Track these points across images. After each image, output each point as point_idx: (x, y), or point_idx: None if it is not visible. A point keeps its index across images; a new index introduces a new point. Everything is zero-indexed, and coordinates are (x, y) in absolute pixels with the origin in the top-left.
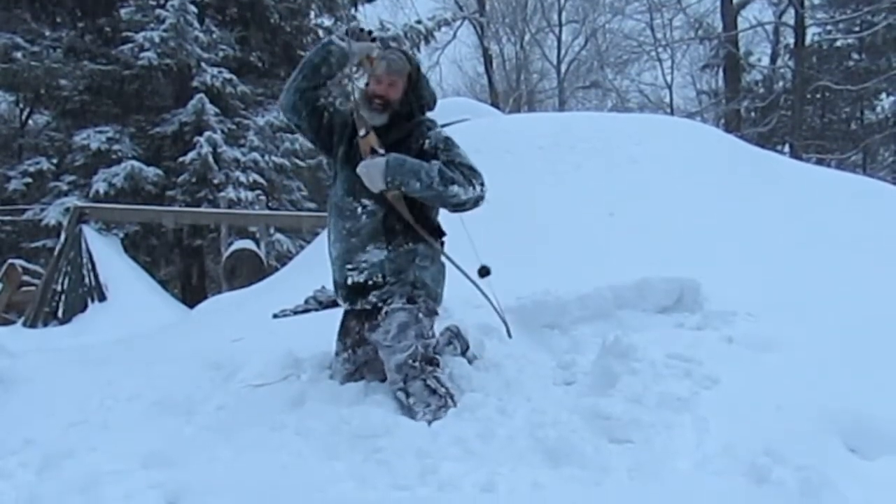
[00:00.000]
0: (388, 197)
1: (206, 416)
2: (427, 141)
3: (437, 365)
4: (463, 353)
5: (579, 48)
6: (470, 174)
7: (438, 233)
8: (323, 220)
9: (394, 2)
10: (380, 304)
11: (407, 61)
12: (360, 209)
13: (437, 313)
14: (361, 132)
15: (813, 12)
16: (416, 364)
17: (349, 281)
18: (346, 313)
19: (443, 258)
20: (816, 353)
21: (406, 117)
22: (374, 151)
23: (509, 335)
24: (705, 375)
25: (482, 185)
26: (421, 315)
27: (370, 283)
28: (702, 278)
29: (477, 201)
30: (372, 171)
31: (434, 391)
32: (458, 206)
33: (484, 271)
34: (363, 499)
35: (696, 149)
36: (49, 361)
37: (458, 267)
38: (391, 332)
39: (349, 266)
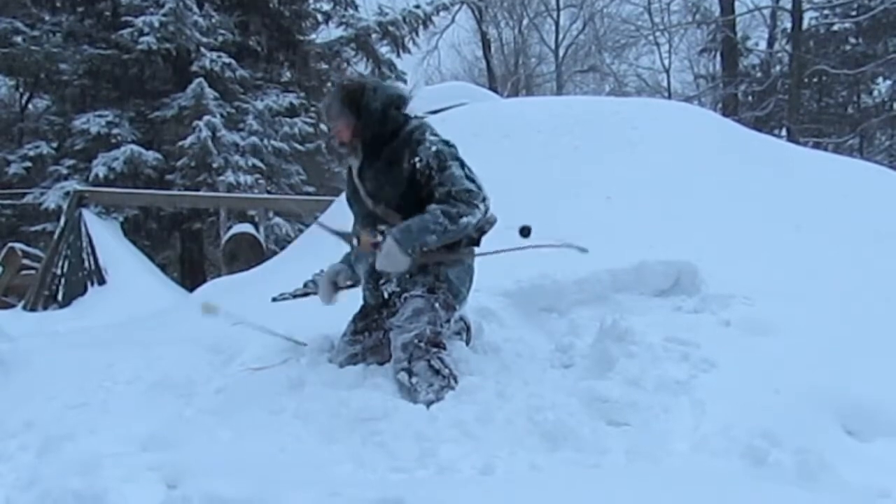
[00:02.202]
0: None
1: (206, 399)
2: (418, 160)
3: (443, 348)
4: (466, 343)
5: (577, 32)
6: (469, 197)
7: (465, 242)
8: (322, 204)
9: None
10: (401, 292)
11: (335, 95)
12: (381, 237)
13: (455, 309)
14: (355, 243)
15: None
16: (422, 344)
17: (385, 294)
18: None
19: (473, 260)
20: (813, 337)
21: (380, 138)
22: (375, 245)
23: (585, 250)
24: (703, 358)
25: (484, 200)
26: (437, 305)
27: (400, 285)
28: (699, 262)
29: (486, 217)
30: (389, 259)
31: (437, 371)
32: (476, 230)
33: (525, 231)
34: (362, 481)
35: (694, 133)
36: (49, 344)
37: (494, 252)
38: (405, 315)
39: (382, 281)
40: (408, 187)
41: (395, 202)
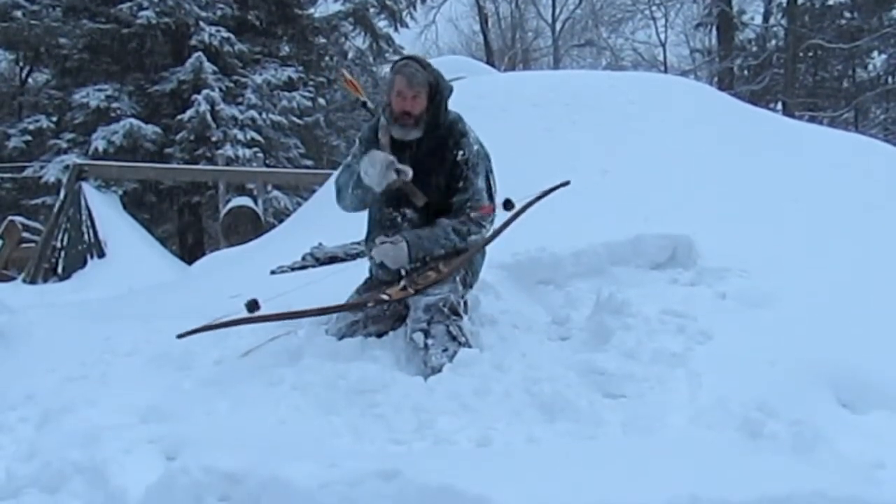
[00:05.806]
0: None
1: (205, 371)
2: (460, 154)
3: (461, 317)
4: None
5: (574, 6)
6: (479, 218)
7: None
8: (319, 178)
9: None
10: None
11: (420, 68)
12: (399, 218)
13: (471, 287)
14: (385, 297)
15: None
16: (445, 309)
17: (402, 273)
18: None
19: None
20: (809, 309)
21: (436, 123)
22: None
23: (566, 183)
24: (699, 331)
25: (492, 221)
26: (458, 279)
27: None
28: (695, 235)
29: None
30: (394, 257)
31: (454, 338)
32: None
33: (509, 204)
34: (360, 452)
35: (690, 106)
36: (48, 317)
37: (501, 229)
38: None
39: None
40: (440, 174)
41: (422, 182)
